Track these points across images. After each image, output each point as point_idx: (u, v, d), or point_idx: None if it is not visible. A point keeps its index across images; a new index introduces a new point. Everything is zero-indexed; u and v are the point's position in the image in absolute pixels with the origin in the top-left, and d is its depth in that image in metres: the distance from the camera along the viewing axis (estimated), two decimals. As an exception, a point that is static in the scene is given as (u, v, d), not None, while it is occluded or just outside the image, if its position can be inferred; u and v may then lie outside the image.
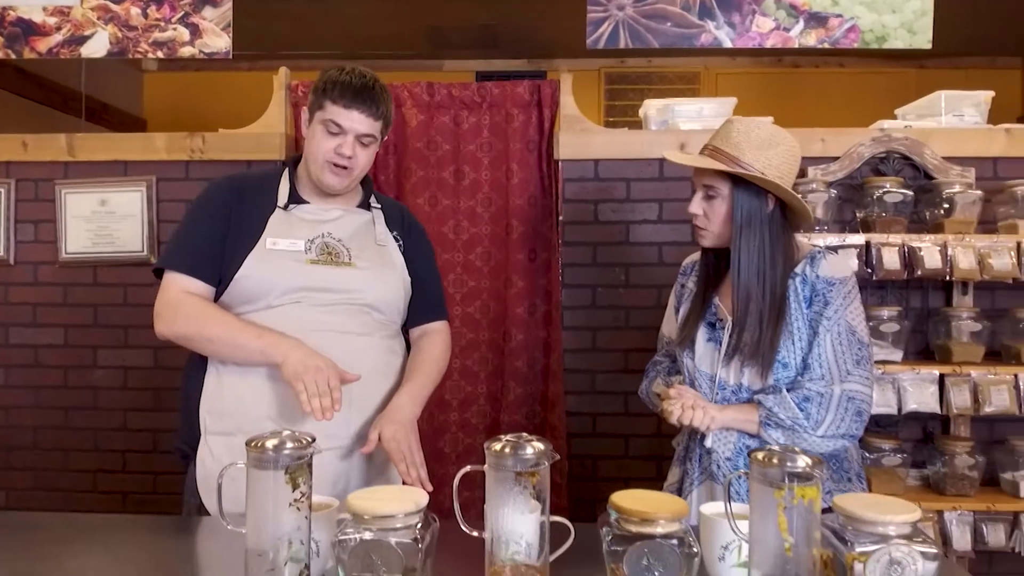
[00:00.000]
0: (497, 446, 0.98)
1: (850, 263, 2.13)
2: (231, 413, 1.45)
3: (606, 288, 2.47)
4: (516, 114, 2.48)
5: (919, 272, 2.15)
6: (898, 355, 2.23)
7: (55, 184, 2.54)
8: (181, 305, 1.46)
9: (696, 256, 1.71)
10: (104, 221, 2.49)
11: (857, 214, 2.34)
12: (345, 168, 1.51)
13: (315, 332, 1.46)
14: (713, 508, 1.18)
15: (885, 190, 2.24)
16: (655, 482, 2.43)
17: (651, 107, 2.55)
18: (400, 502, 0.98)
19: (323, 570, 1.12)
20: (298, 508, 0.99)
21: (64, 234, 2.53)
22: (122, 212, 2.51)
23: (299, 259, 1.49)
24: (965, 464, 2.19)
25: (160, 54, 2.49)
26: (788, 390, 1.47)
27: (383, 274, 1.57)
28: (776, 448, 0.95)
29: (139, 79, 5.53)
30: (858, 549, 0.95)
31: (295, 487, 0.98)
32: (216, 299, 1.49)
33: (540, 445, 0.97)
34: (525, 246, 2.49)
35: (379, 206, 1.66)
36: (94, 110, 4.79)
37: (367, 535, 0.95)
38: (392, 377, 1.57)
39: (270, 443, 0.98)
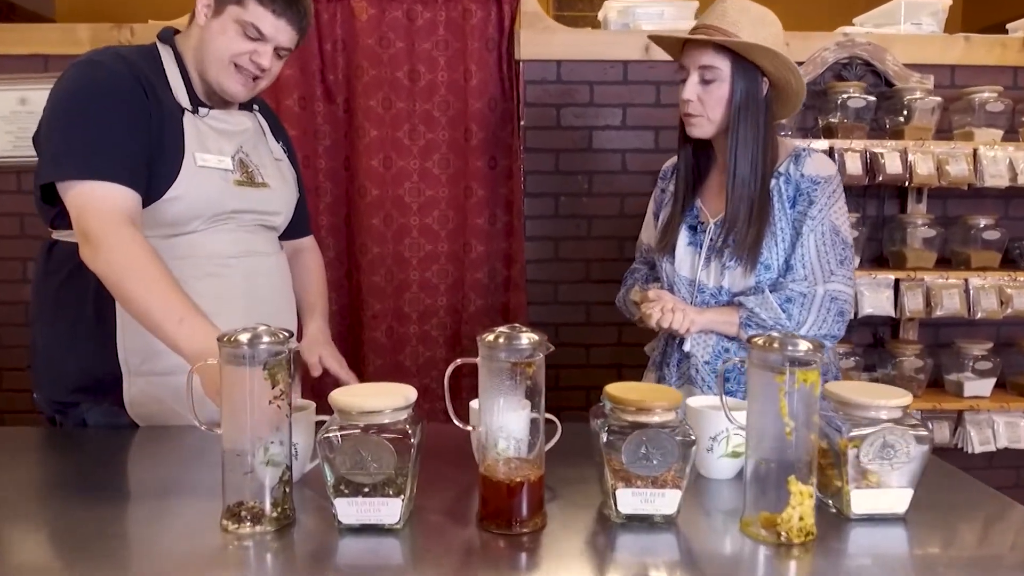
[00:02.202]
0: (490, 337, 0.93)
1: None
2: (161, 351, 1.23)
3: (568, 197, 2.41)
4: (474, 10, 2.33)
5: (880, 178, 2.16)
6: (855, 261, 2.26)
7: (-35, 82, 2.29)
8: (112, 235, 1.20)
9: (675, 159, 1.66)
10: (25, 122, 2.27)
11: (819, 120, 2.32)
12: (255, 79, 1.37)
13: (239, 257, 1.39)
14: (700, 401, 1.18)
15: (849, 95, 2.23)
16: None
17: (611, 8, 2.44)
18: (388, 396, 0.93)
19: (302, 474, 1.07)
20: (278, 407, 0.92)
21: (-21, 137, 2.30)
22: (45, 112, 2.28)
23: (227, 179, 1.37)
24: (913, 366, 2.28)
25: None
26: (770, 291, 1.46)
27: (286, 193, 1.52)
28: (775, 334, 0.92)
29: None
30: (852, 433, 0.96)
31: (274, 384, 0.91)
32: None
33: (535, 336, 0.93)
34: (485, 153, 2.39)
35: (257, 107, 1.52)
36: (2, 10, 4.34)
37: (356, 432, 0.90)
38: (291, 294, 1.56)
39: (244, 337, 0.90)
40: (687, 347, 1.54)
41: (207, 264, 1.36)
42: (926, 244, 2.28)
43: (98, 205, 1.22)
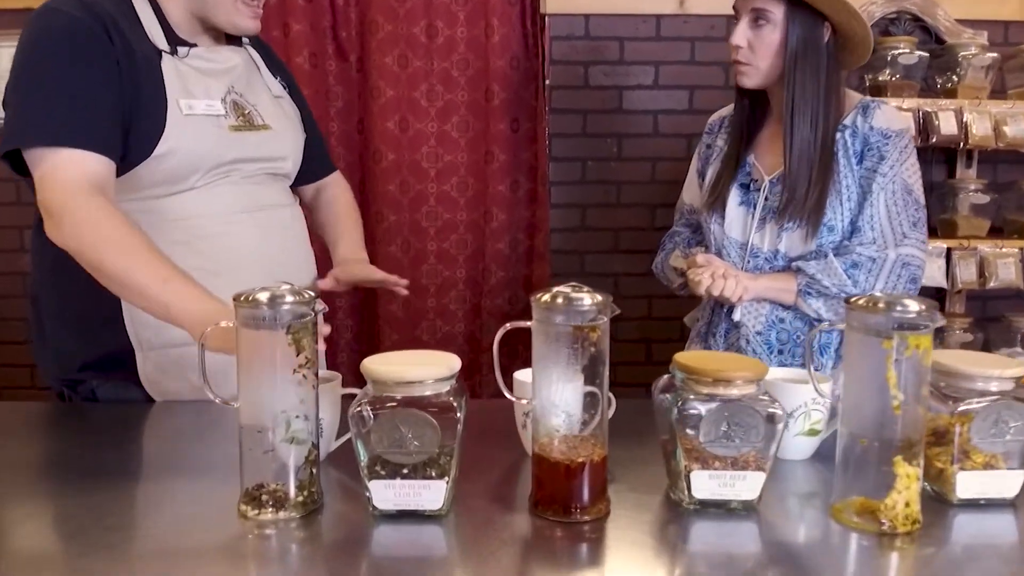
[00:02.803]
0: (546, 297, 0.80)
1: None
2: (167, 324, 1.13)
3: (596, 161, 2.27)
4: (496, -41, 2.19)
5: (934, 139, 2.02)
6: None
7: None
8: (75, 205, 1.06)
9: (725, 111, 1.53)
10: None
11: (867, 78, 2.18)
12: (258, 9, 1.24)
13: (249, 212, 1.25)
14: (774, 373, 1.05)
15: (899, 51, 2.08)
16: (645, 366, 2.37)
17: (643, -40, 2.29)
18: (430, 365, 0.81)
19: (327, 453, 0.95)
20: (304, 376, 0.80)
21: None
22: None
23: (221, 125, 1.22)
24: (961, 341, 2.15)
25: None
26: (834, 255, 1.33)
27: (291, 135, 1.36)
28: (879, 293, 0.80)
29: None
30: (961, 408, 0.83)
31: (299, 350, 0.79)
32: (119, 177, 1.14)
33: (598, 296, 0.80)
34: (507, 115, 2.25)
35: (247, 40, 1.35)
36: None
37: (394, 405, 0.78)
38: (310, 252, 1.40)
39: (263, 296, 0.78)
40: (737, 316, 1.41)
41: (212, 222, 1.22)
42: (977, 211, 2.15)
43: (60, 175, 1.07)
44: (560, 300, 0.79)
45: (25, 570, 0.72)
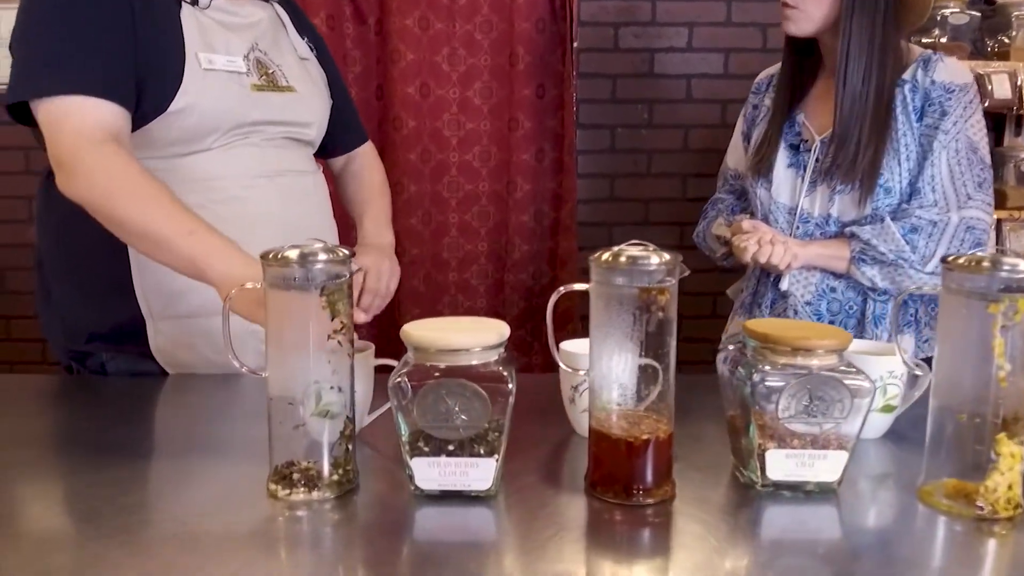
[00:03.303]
0: (607, 256, 0.72)
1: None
2: (185, 291, 1.08)
3: (626, 129, 2.18)
4: (521, -84, 2.08)
5: (987, 103, 1.91)
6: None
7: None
8: (88, 153, 0.99)
9: (773, 69, 1.43)
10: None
11: (914, 40, 2.06)
12: None
13: (269, 177, 1.17)
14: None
15: (950, 10, 1.97)
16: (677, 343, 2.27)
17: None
18: (478, 332, 0.73)
19: (359, 429, 0.88)
20: (339, 343, 0.72)
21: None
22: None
23: (243, 83, 1.14)
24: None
25: None
26: (891, 219, 1.24)
27: (317, 100, 1.28)
28: (980, 253, 0.71)
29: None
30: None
31: (334, 314, 0.71)
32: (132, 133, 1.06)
33: (666, 255, 0.72)
34: (532, 80, 2.15)
35: None
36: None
37: (439, 376, 0.70)
38: (333, 223, 1.32)
39: (293, 254, 0.70)
40: (785, 285, 1.33)
41: (230, 185, 1.14)
42: (1025, 181, 2.05)
43: (71, 123, 1.00)
44: (623, 259, 0.71)
45: (33, 557, 0.65)
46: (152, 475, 0.84)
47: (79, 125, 1.00)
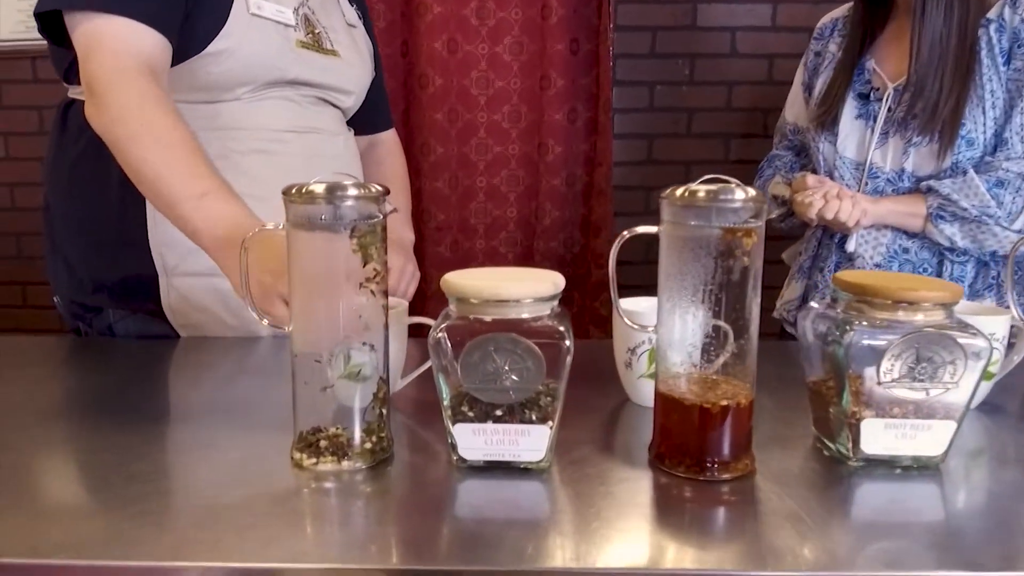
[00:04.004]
0: (681, 192, 0.62)
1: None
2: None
3: (666, 85, 2.05)
4: None
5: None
6: None
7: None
8: (122, 83, 0.91)
9: (838, 12, 1.31)
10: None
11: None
12: None
13: (298, 133, 1.10)
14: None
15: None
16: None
17: None
18: (529, 281, 0.63)
19: (393, 392, 0.79)
20: (372, 292, 0.63)
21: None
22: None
23: (288, 37, 1.07)
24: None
25: None
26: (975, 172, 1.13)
27: (361, 69, 1.21)
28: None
29: None
30: None
31: (366, 260, 0.62)
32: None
33: (752, 191, 0.62)
34: (566, 34, 2.03)
35: None
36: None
37: (487, 331, 0.61)
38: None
39: (320, 188, 0.61)
40: (851, 246, 1.22)
41: (255, 138, 1.07)
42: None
43: (110, 46, 0.92)
44: (702, 195, 0.61)
45: (38, 530, 0.57)
46: (165, 442, 0.76)
47: (117, 49, 0.92)
